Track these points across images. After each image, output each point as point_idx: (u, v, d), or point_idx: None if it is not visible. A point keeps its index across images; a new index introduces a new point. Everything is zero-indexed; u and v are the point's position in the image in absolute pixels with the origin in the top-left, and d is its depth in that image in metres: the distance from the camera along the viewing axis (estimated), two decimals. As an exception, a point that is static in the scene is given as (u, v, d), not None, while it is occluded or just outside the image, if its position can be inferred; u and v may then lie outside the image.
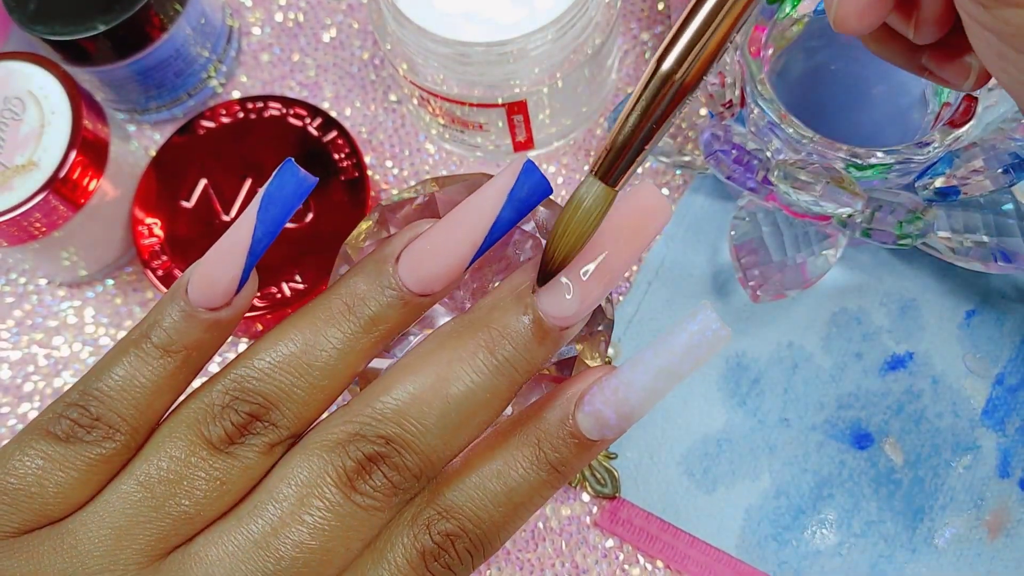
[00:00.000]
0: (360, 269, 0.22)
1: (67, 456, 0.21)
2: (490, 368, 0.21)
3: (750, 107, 0.35)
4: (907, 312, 0.37)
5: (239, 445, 0.21)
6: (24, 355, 0.41)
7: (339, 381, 0.22)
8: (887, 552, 0.34)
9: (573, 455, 0.21)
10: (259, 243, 0.21)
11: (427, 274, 0.21)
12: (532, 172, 0.21)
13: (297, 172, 0.21)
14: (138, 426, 0.21)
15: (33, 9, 0.38)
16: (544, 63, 0.35)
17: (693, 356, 0.21)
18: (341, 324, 0.21)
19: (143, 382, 0.21)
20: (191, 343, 0.22)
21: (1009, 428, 0.35)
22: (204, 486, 0.21)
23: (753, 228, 0.36)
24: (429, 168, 0.42)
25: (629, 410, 0.21)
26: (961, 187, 0.33)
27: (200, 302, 0.21)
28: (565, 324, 0.21)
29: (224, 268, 0.21)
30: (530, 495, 0.21)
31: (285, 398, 0.21)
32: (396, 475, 0.21)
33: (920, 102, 0.36)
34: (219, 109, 0.40)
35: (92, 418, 0.21)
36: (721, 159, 0.34)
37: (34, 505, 0.21)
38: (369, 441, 0.20)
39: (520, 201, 0.21)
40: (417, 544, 0.21)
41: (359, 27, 0.44)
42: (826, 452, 0.36)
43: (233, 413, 0.21)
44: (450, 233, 0.21)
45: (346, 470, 0.20)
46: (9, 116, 0.36)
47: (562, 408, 0.21)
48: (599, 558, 0.36)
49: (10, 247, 0.37)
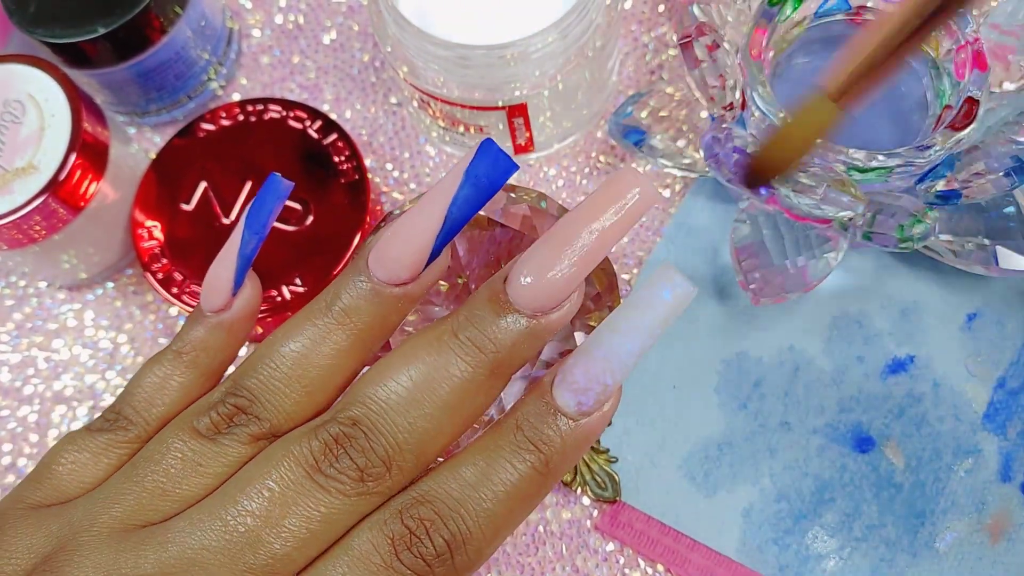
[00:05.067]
0: (344, 270, 0.23)
1: (93, 444, 0.23)
2: (453, 349, 0.21)
3: (751, 110, 0.35)
4: (908, 315, 0.37)
5: (222, 435, 0.22)
6: (24, 358, 0.41)
7: (318, 377, 0.22)
8: (888, 556, 0.34)
9: (555, 433, 0.21)
10: (247, 244, 0.23)
11: (390, 259, 0.22)
12: (489, 148, 0.21)
13: (275, 182, 0.24)
14: (149, 419, 0.23)
15: (33, 12, 0.38)
16: (545, 66, 0.35)
17: (657, 309, 0.20)
18: (316, 320, 0.22)
19: (159, 382, 0.24)
20: (199, 344, 0.24)
21: (1011, 432, 0.35)
22: (179, 464, 0.22)
23: (754, 231, 0.36)
24: (429, 171, 0.42)
25: (598, 370, 0.20)
26: (963, 190, 0.33)
27: (206, 307, 0.24)
28: (532, 307, 0.21)
29: (220, 272, 0.24)
30: (516, 485, 0.20)
31: (266, 392, 0.22)
32: (362, 458, 0.20)
33: (921, 105, 0.36)
34: (219, 111, 0.40)
35: (115, 412, 0.24)
36: (722, 162, 0.33)
37: (53, 482, 0.23)
38: (337, 423, 0.21)
39: (478, 178, 0.21)
40: (386, 530, 0.20)
41: (359, 29, 0.44)
42: (827, 456, 0.36)
43: (221, 406, 0.22)
44: (411, 218, 0.22)
45: (312, 452, 0.21)
46: (9, 119, 0.36)
47: (540, 388, 0.21)
48: (600, 562, 0.36)
49: (10, 250, 0.37)
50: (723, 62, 0.35)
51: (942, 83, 0.35)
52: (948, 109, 0.34)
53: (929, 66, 0.36)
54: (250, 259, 0.24)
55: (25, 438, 0.39)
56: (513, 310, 0.21)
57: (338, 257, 0.37)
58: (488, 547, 0.21)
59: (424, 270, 0.22)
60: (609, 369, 0.20)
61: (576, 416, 0.21)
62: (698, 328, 0.38)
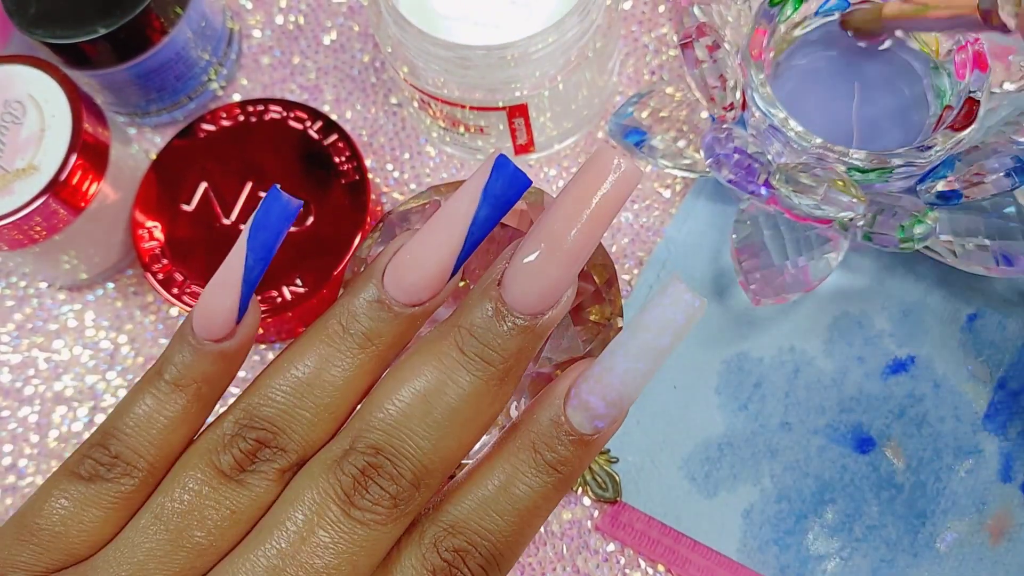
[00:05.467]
0: (352, 287, 0.22)
1: (90, 495, 0.21)
2: (462, 364, 0.21)
3: (751, 110, 0.35)
4: (909, 316, 0.37)
5: (249, 472, 0.21)
6: (24, 358, 0.41)
7: (343, 401, 0.22)
8: (889, 556, 0.34)
9: (571, 453, 0.21)
10: (252, 270, 0.22)
11: (410, 283, 0.21)
12: (505, 166, 0.21)
13: (280, 197, 0.22)
14: (155, 462, 0.22)
15: (33, 13, 0.38)
16: (545, 66, 0.35)
17: (669, 331, 0.20)
18: (336, 343, 0.22)
19: (158, 418, 0.22)
20: (200, 376, 0.22)
21: (1011, 432, 0.35)
22: (216, 515, 0.21)
23: (754, 231, 0.36)
24: (430, 171, 0.42)
25: (615, 395, 0.21)
26: (963, 191, 0.33)
27: (204, 334, 0.22)
28: (531, 310, 0.21)
29: (221, 299, 0.22)
30: (535, 501, 0.21)
31: (291, 421, 0.21)
32: (393, 485, 0.20)
33: (922, 105, 0.36)
34: (219, 112, 0.40)
35: (112, 456, 0.21)
36: (722, 162, 0.33)
37: (60, 545, 0.21)
38: (360, 453, 0.20)
39: (496, 197, 0.21)
40: (427, 564, 0.21)
41: (360, 30, 0.44)
42: (828, 456, 0.36)
43: (242, 440, 0.21)
44: (429, 239, 0.21)
45: (343, 487, 0.20)
46: (9, 120, 0.36)
47: (552, 407, 0.21)
48: (600, 562, 0.36)
49: (10, 251, 0.37)
50: (723, 62, 0.35)
51: (943, 83, 0.35)
52: (949, 109, 0.34)
53: (930, 66, 0.36)
54: (255, 285, 0.22)
55: (26, 439, 0.39)
56: (512, 314, 0.21)
57: (339, 257, 0.37)
58: (514, 559, 0.22)
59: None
60: (625, 393, 0.21)
61: (591, 435, 0.21)
62: (699, 328, 0.38)
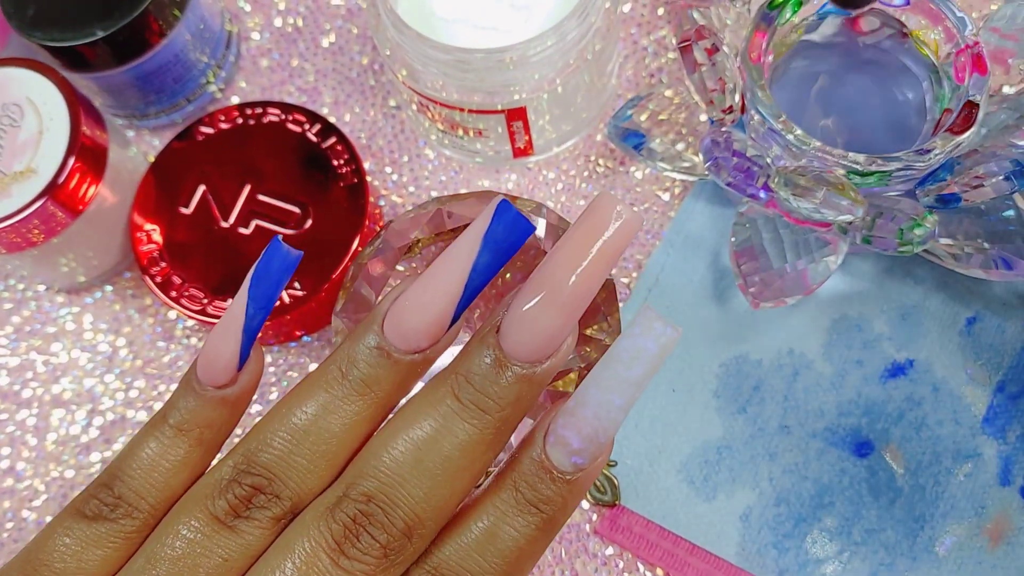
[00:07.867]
0: (354, 333, 0.22)
1: (92, 535, 0.22)
2: (457, 412, 0.21)
3: (750, 113, 0.35)
4: (908, 319, 0.37)
5: (243, 519, 0.21)
6: (23, 361, 0.41)
7: (341, 449, 0.21)
8: (888, 560, 0.34)
9: (554, 492, 0.21)
10: (253, 319, 0.22)
11: (409, 329, 0.21)
12: (507, 211, 0.20)
13: (280, 248, 0.22)
14: (157, 504, 0.22)
15: (31, 15, 0.38)
16: (544, 69, 0.35)
17: (641, 361, 0.20)
18: (335, 390, 0.21)
19: (161, 462, 0.22)
20: (203, 422, 0.22)
21: (1010, 436, 0.35)
22: (207, 563, 0.21)
23: (753, 234, 0.36)
24: (428, 174, 0.42)
25: (590, 430, 0.20)
26: (962, 194, 0.33)
27: (207, 380, 0.22)
28: (529, 358, 0.21)
29: (223, 346, 0.22)
30: (519, 543, 0.21)
31: (287, 468, 0.21)
32: (383, 534, 0.20)
33: (921, 109, 0.36)
34: (218, 115, 0.40)
35: (115, 497, 0.22)
36: (721, 165, 0.33)
37: None
38: (352, 501, 0.20)
39: (497, 243, 0.20)
40: None
41: (358, 32, 0.44)
42: (826, 459, 0.36)
43: (237, 486, 0.21)
44: (429, 286, 0.21)
45: (333, 535, 0.20)
46: (7, 123, 0.36)
47: (534, 446, 0.21)
48: (599, 566, 0.36)
49: (8, 254, 0.37)
50: (722, 65, 0.35)
51: (942, 87, 0.35)
52: (948, 113, 0.34)
53: (929, 70, 0.36)
54: (256, 333, 0.22)
55: (24, 442, 0.39)
56: (510, 364, 0.21)
57: (337, 260, 0.37)
58: None
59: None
60: (600, 427, 0.20)
61: (573, 473, 0.21)
62: (697, 331, 0.37)
